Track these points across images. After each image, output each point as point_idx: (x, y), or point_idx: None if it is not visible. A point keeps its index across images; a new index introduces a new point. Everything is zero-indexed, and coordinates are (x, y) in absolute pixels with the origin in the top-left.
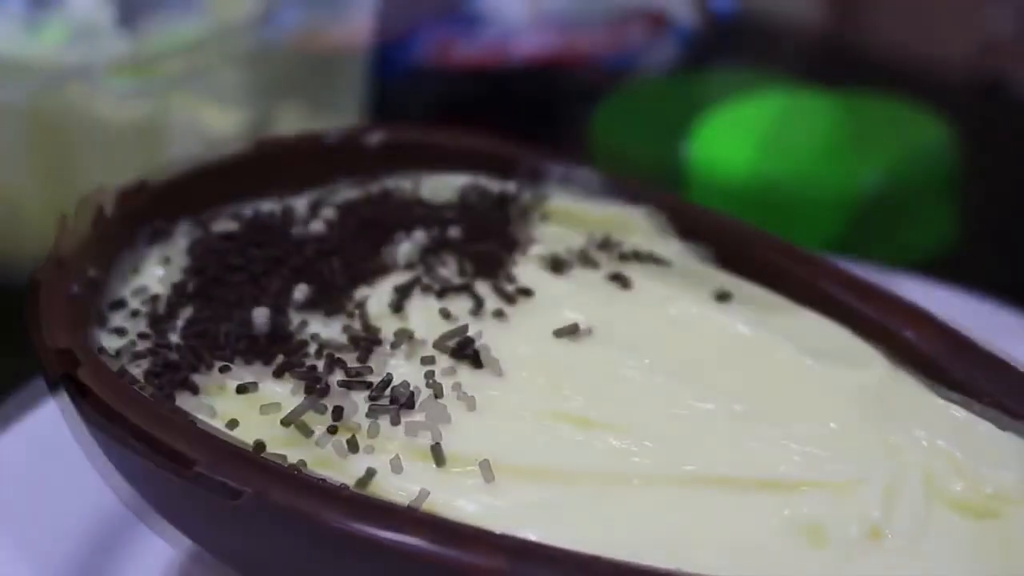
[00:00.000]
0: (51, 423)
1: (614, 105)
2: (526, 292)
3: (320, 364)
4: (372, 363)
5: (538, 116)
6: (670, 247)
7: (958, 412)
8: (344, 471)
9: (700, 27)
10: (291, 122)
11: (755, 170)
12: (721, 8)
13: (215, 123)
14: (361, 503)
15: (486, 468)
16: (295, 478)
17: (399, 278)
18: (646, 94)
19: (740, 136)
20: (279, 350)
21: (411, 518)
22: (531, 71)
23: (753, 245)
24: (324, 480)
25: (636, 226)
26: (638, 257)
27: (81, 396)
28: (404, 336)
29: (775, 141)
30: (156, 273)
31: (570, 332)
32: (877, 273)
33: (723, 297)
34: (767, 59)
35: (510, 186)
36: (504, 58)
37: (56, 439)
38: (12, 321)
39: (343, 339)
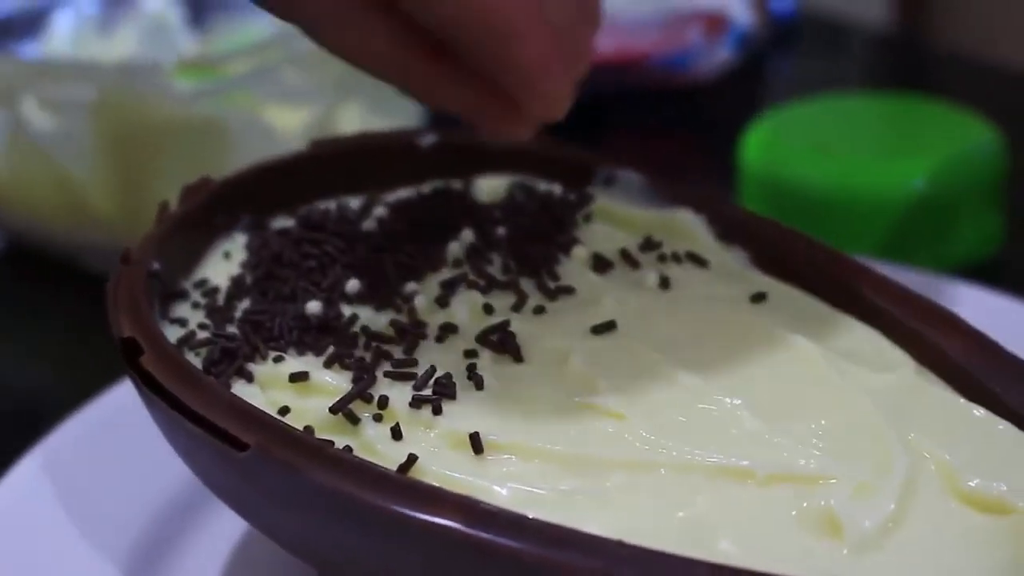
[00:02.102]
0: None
1: (767, 126)
2: (568, 290)
3: (368, 355)
4: (417, 355)
5: (595, 116)
6: (710, 249)
7: (979, 411)
8: (388, 458)
9: (759, 28)
10: (353, 121)
11: (804, 173)
12: (780, 9)
13: (279, 122)
14: (398, 485)
15: (522, 454)
16: (342, 460)
17: (446, 275)
18: (801, 115)
19: (790, 138)
20: (330, 341)
21: (449, 500)
22: (590, 71)
23: (791, 248)
24: (370, 463)
25: (677, 228)
26: (677, 258)
27: (145, 382)
28: (448, 330)
29: (824, 144)
30: (217, 267)
31: (606, 329)
32: (922, 277)
33: (758, 298)
34: (828, 61)
35: (556, 187)
36: None
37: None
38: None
39: (390, 332)
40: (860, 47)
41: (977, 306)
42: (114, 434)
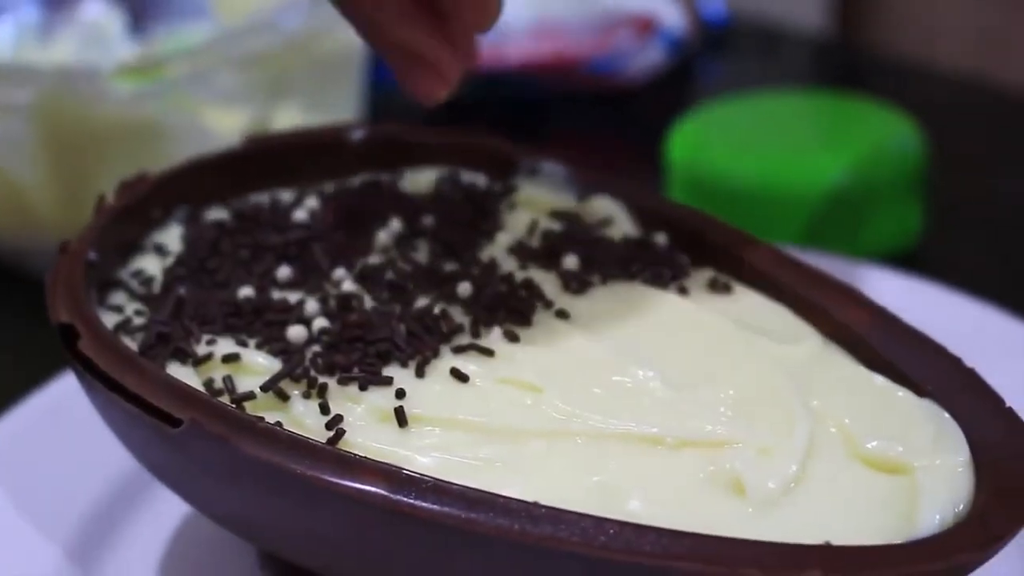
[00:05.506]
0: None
1: (693, 124)
2: (488, 274)
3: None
4: (344, 336)
5: (530, 118)
6: (629, 233)
7: (879, 380)
8: (316, 432)
9: (690, 33)
10: (290, 122)
11: (727, 167)
12: (712, 14)
13: (216, 123)
14: (326, 455)
15: (444, 426)
16: (272, 433)
17: (375, 261)
18: (727, 113)
19: (715, 134)
20: (261, 324)
21: (373, 468)
22: (524, 75)
23: (705, 232)
24: (297, 435)
25: (598, 214)
26: (598, 243)
27: (82, 365)
28: (375, 312)
29: (748, 139)
30: (152, 257)
31: (526, 308)
32: (843, 265)
33: (674, 277)
34: (760, 64)
35: (481, 178)
36: (498, 62)
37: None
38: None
39: (319, 315)
40: (791, 51)
41: (890, 288)
42: (54, 425)
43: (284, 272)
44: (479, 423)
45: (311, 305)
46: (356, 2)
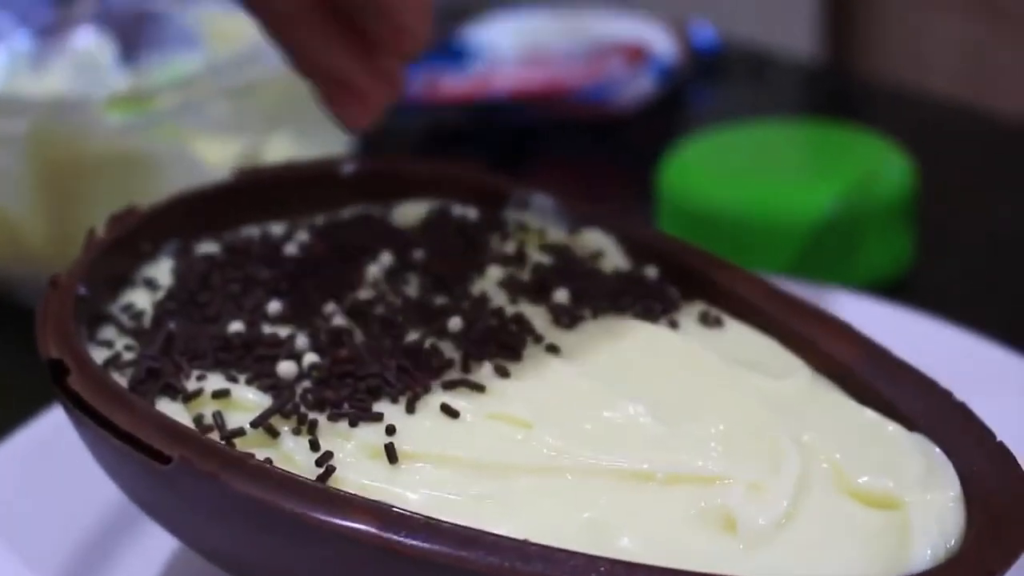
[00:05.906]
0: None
1: (683, 154)
2: (479, 308)
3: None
4: (335, 371)
5: (521, 147)
6: (620, 266)
7: (870, 414)
8: (306, 468)
9: (681, 60)
10: (280, 152)
11: (717, 197)
12: (702, 41)
13: (208, 154)
14: (316, 493)
15: (434, 462)
16: (262, 470)
17: (365, 295)
18: (717, 143)
19: (705, 164)
20: (252, 360)
21: (364, 506)
22: (515, 103)
23: (695, 265)
24: (287, 472)
25: (589, 247)
26: (589, 276)
27: (72, 401)
28: (365, 347)
29: (737, 169)
30: (142, 291)
31: (517, 343)
32: (833, 294)
33: (664, 311)
34: (751, 91)
35: (472, 211)
36: (489, 91)
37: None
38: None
39: (310, 350)
40: (782, 78)
41: (880, 318)
42: (44, 457)
43: (275, 306)
44: (469, 459)
45: (301, 340)
46: (282, 28)
